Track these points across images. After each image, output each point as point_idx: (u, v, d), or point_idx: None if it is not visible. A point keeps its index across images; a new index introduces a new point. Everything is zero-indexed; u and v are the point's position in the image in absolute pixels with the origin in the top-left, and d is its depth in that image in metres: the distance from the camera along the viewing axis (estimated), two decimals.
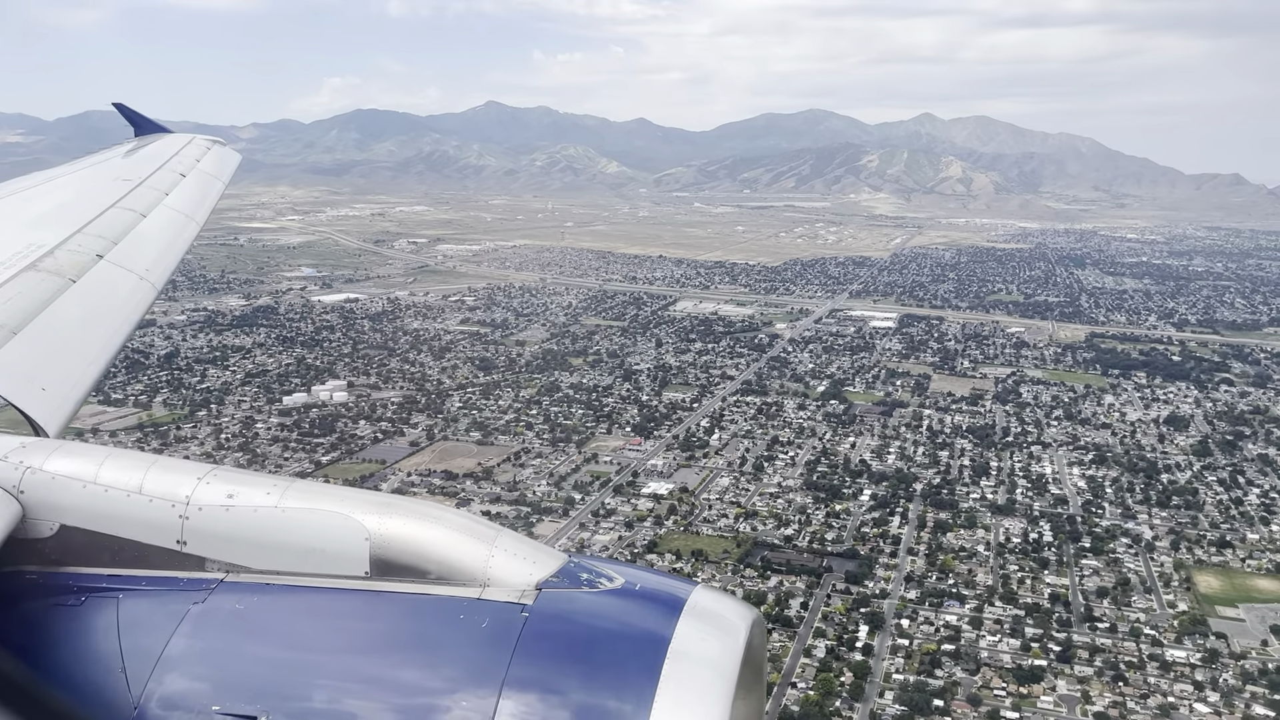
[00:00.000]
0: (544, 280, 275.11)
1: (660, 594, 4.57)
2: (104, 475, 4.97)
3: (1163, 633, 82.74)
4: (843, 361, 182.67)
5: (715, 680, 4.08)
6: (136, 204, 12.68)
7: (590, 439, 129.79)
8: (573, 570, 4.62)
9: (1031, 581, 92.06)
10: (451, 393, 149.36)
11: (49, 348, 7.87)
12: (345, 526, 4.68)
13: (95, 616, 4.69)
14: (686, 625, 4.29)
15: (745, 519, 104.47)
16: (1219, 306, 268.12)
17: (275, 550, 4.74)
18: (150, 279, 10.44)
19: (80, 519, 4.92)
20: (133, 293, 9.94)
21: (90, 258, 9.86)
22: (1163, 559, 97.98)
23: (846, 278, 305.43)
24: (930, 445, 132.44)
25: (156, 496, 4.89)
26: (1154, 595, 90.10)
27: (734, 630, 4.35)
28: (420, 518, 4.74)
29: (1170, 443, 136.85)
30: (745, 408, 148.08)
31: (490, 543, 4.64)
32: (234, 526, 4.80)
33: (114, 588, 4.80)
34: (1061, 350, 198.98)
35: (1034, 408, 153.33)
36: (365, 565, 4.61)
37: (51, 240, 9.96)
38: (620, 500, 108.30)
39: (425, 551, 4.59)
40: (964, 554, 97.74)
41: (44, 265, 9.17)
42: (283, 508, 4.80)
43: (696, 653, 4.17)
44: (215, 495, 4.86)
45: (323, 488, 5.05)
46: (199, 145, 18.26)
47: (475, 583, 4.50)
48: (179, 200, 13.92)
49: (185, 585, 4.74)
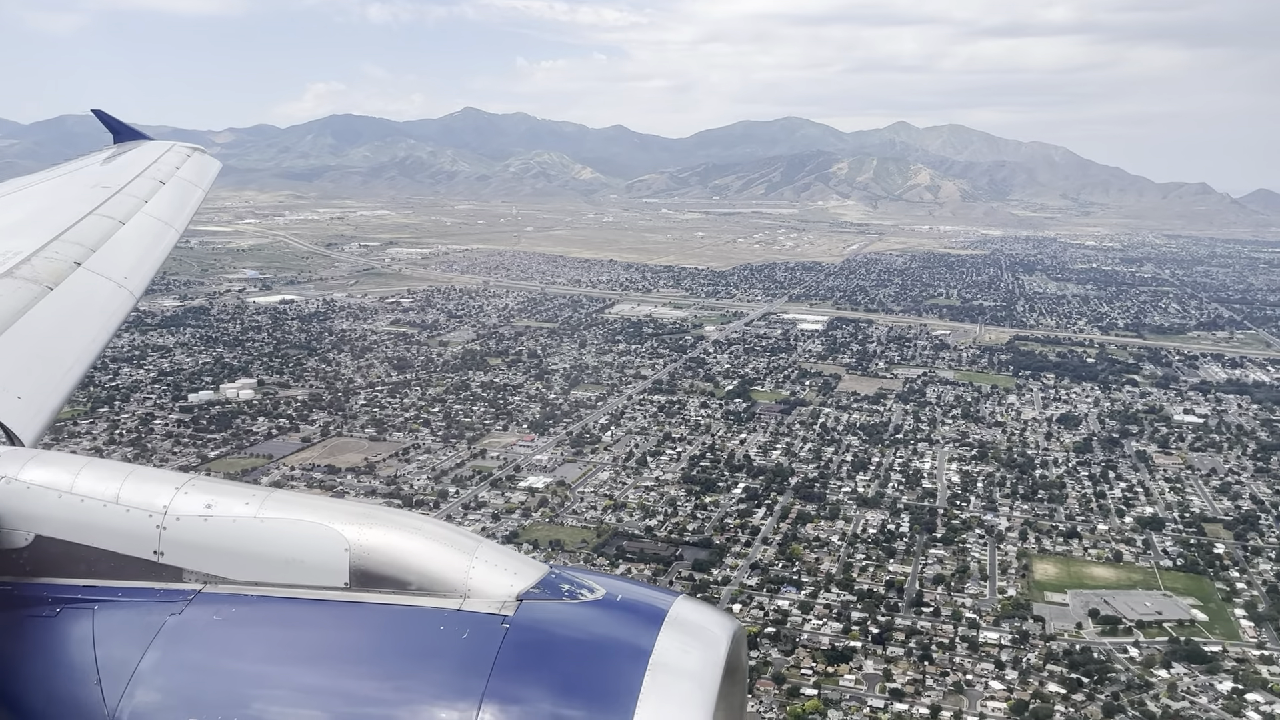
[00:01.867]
0: (487, 283, 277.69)
1: (641, 605, 4.57)
2: (80, 485, 4.92)
3: (983, 616, 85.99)
4: (760, 362, 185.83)
5: (696, 692, 4.08)
6: (115, 211, 12.61)
7: (485, 435, 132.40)
8: (554, 581, 4.61)
9: (874, 570, 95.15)
10: (359, 391, 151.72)
11: (25, 355, 7.79)
12: (325, 537, 4.65)
13: (70, 628, 4.66)
14: (667, 637, 4.29)
15: (613, 510, 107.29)
16: (1151, 311, 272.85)
17: (254, 561, 4.70)
18: (129, 286, 10.42)
19: (56, 529, 4.86)
20: (110, 300, 9.92)
21: (68, 265, 9.82)
22: (1009, 549, 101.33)
23: (792, 282, 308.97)
24: (819, 442, 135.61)
25: (133, 506, 4.84)
26: (989, 582, 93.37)
27: (715, 642, 4.37)
28: (400, 528, 4.73)
29: (1056, 440, 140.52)
30: (649, 406, 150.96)
31: (471, 553, 4.62)
32: (212, 537, 4.76)
33: (90, 599, 4.76)
34: (980, 352, 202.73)
35: (934, 407, 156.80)
36: (345, 576, 4.59)
37: (29, 247, 9.92)
38: (495, 494, 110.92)
39: (405, 562, 4.57)
40: (817, 544, 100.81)
41: (20, 272, 9.10)
42: (261, 518, 4.76)
43: (677, 664, 4.17)
44: (193, 505, 4.83)
45: (302, 498, 5.01)
46: (178, 152, 18.35)
47: (456, 594, 4.48)
48: (158, 208, 13.92)
49: (162, 596, 4.70)
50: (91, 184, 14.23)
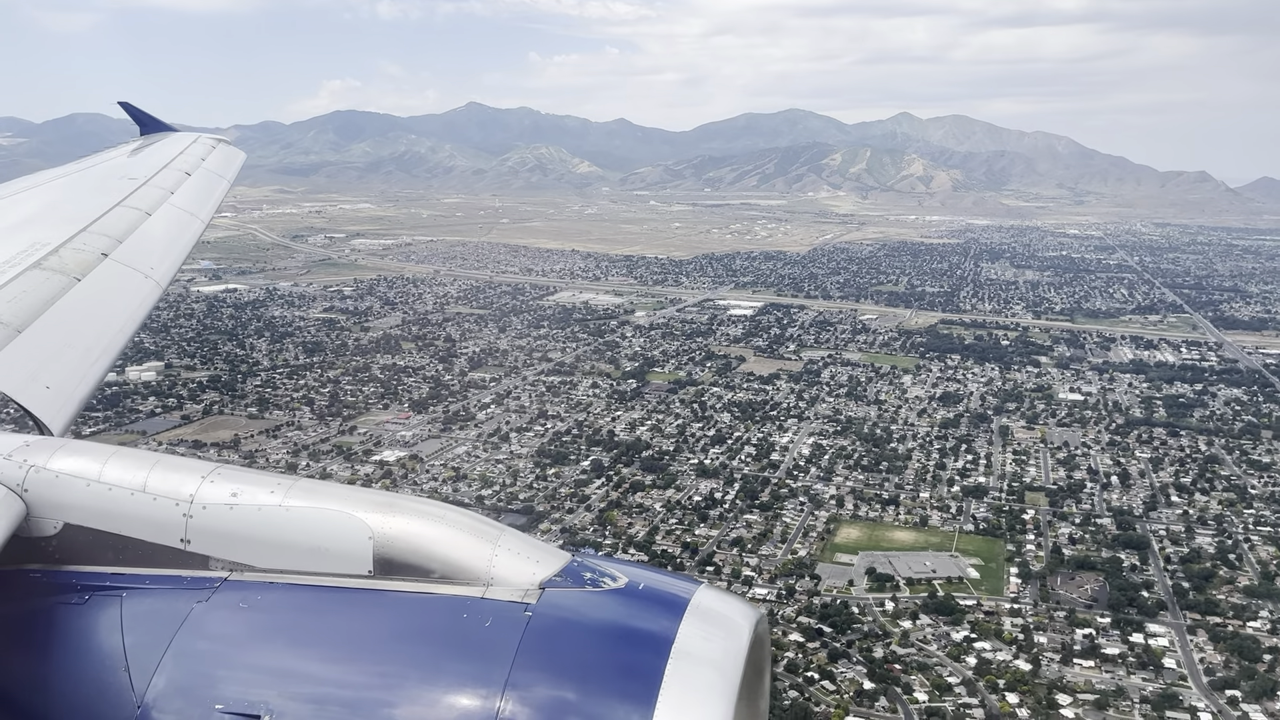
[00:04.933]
0: (438, 272, 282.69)
1: (663, 594, 4.60)
2: (108, 474, 4.99)
3: (761, 575, 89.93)
4: (672, 346, 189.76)
5: (718, 680, 4.12)
6: (141, 202, 12.74)
7: (364, 414, 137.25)
8: (576, 569, 4.66)
9: (681, 533, 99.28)
10: (261, 373, 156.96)
11: (53, 346, 7.85)
12: (348, 525, 4.71)
13: (99, 615, 4.71)
14: (690, 625, 4.33)
15: (454, 481, 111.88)
16: (1096, 296, 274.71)
17: (279, 549, 4.77)
18: (155, 277, 10.55)
19: (84, 517, 4.93)
20: (137, 291, 10.05)
21: (95, 256, 9.93)
22: (823, 515, 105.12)
23: (746, 271, 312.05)
24: (690, 418, 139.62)
25: (160, 495, 4.92)
26: (785, 545, 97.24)
27: (737, 630, 4.40)
28: (423, 517, 4.80)
29: (927, 416, 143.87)
30: (540, 386, 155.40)
31: (494, 542, 4.67)
32: (238, 525, 4.83)
33: (118, 586, 4.81)
34: (899, 336, 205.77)
35: (822, 386, 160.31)
36: (369, 564, 4.65)
37: (56, 239, 10.07)
38: (345, 467, 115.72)
39: (428, 550, 4.63)
40: (638, 510, 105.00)
41: (48, 264, 9.20)
42: (286, 506, 4.83)
43: (700, 653, 4.21)
44: (219, 494, 4.90)
45: (327, 486, 5.08)
46: (204, 144, 18.55)
47: (479, 582, 4.53)
48: (184, 199, 14.04)
49: (189, 584, 4.76)
50: (118, 176, 14.42)
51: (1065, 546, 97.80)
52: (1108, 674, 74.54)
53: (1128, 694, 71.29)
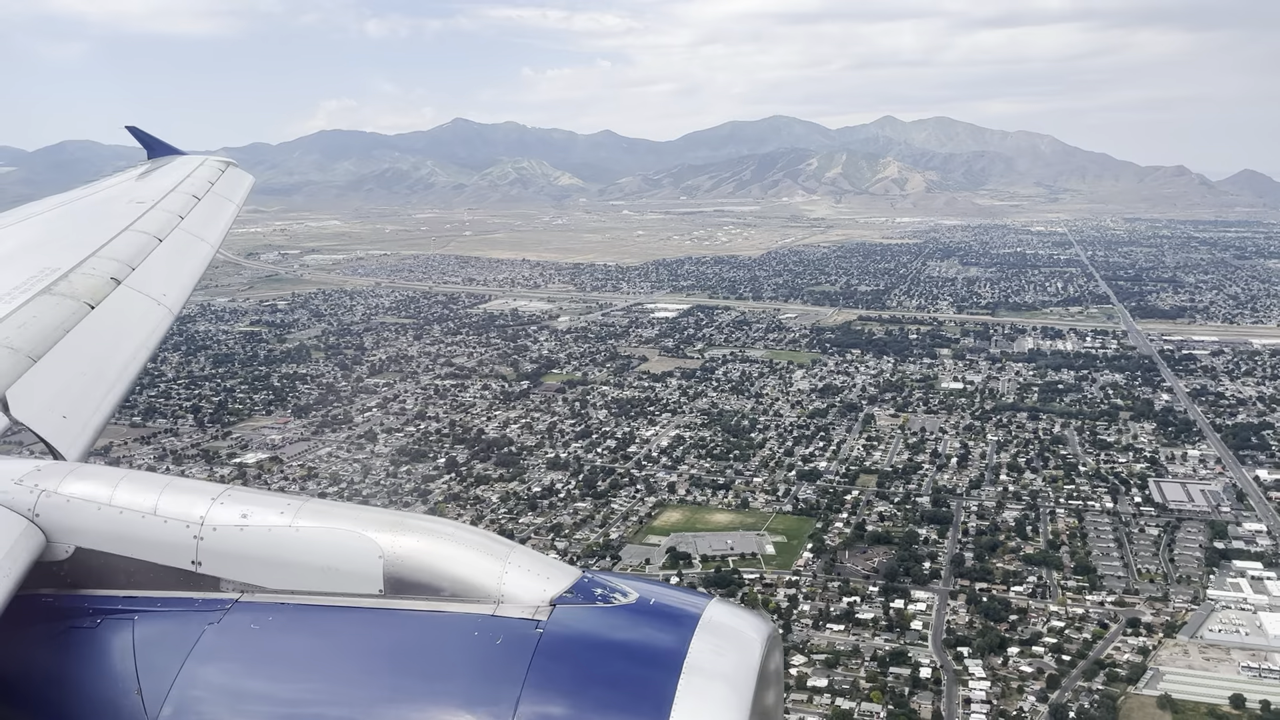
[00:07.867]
0: (378, 284, 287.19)
1: (674, 609, 4.61)
2: (119, 497, 5.02)
3: (563, 557, 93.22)
4: (582, 348, 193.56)
5: (731, 696, 4.12)
6: (150, 226, 12.70)
7: (245, 420, 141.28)
8: (586, 586, 4.65)
9: (506, 521, 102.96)
10: (159, 383, 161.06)
11: (69, 374, 7.89)
12: (359, 545, 4.75)
13: (111, 638, 4.75)
14: (701, 640, 4.32)
15: (304, 480, 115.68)
16: (1029, 290, 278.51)
17: (289, 569, 4.80)
18: (166, 303, 10.51)
19: (95, 541, 4.96)
20: (148, 316, 10.01)
21: (105, 281, 9.91)
22: (652, 500, 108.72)
23: (690, 275, 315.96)
24: (566, 416, 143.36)
25: (171, 517, 4.95)
26: (602, 529, 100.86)
27: (749, 645, 4.40)
28: (433, 535, 4.82)
29: (800, 407, 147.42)
30: (430, 390, 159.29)
31: (504, 559, 4.68)
32: (248, 546, 4.86)
33: (129, 609, 4.84)
34: (810, 333, 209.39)
35: (711, 382, 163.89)
36: (379, 583, 4.68)
37: (66, 264, 10.01)
38: (204, 470, 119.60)
39: (439, 568, 4.65)
40: (475, 502, 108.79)
41: (59, 289, 9.19)
42: (296, 527, 4.87)
43: (712, 668, 4.21)
44: (229, 515, 4.93)
45: (336, 506, 5.12)
46: (212, 167, 18.49)
47: (489, 599, 4.54)
48: (194, 223, 13.99)
49: (200, 606, 4.80)
50: (126, 200, 14.43)
51: (872, 523, 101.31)
52: (854, 637, 78.11)
53: (862, 653, 74.81)
